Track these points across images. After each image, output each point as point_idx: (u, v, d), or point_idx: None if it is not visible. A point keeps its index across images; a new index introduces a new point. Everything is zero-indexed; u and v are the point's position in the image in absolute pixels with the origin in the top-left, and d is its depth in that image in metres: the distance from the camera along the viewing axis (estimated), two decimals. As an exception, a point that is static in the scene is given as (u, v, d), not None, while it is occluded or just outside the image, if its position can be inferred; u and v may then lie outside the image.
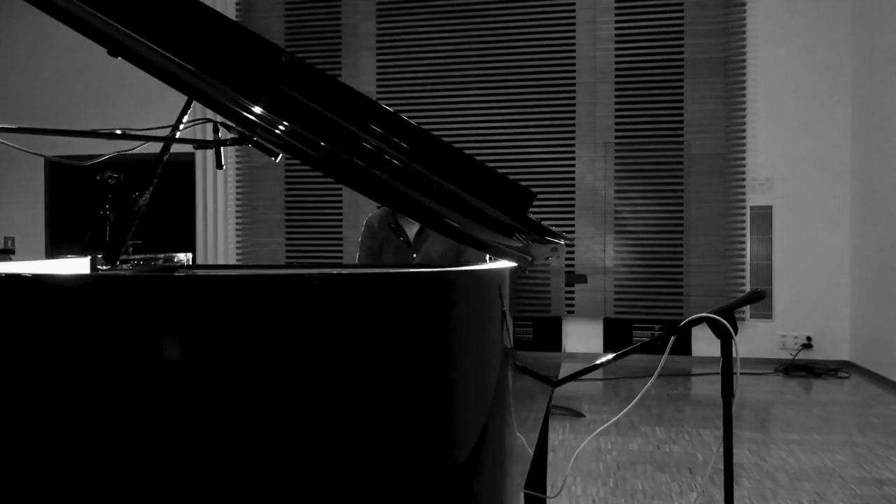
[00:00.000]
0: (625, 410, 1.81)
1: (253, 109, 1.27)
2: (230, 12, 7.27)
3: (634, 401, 1.86)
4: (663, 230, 6.60)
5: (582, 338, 6.66)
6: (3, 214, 8.15)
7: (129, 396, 0.92)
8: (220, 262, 7.42)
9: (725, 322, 1.67)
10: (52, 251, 7.95)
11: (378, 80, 7.01)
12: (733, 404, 1.69)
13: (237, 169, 7.38)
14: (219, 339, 0.91)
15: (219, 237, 7.45)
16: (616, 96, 6.64)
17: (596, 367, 1.98)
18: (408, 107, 6.92)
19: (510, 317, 1.20)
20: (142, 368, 0.92)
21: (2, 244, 8.30)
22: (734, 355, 1.68)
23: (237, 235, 7.43)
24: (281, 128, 1.32)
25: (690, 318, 1.74)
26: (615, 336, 6.69)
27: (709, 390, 5.49)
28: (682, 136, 6.53)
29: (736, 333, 1.70)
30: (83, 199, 6.41)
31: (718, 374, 1.73)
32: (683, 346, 6.55)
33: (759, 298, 1.69)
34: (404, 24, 6.95)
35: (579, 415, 4.61)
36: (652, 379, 1.83)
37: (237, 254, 7.43)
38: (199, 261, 7.45)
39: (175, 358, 0.92)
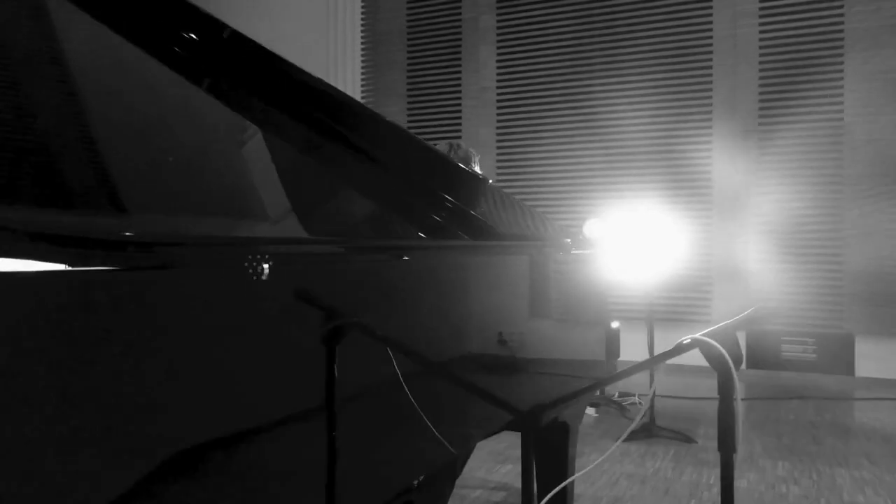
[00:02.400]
0: (608, 452, 1.41)
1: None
2: (356, 10, 7.33)
3: (617, 443, 1.44)
4: (818, 229, 5.69)
5: (719, 350, 5.92)
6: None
7: None
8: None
9: (720, 348, 1.22)
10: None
11: (498, 74, 6.72)
12: (735, 459, 1.24)
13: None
14: None
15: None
16: (760, 78, 5.83)
17: (585, 391, 1.58)
18: (528, 100, 6.57)
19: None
20: None
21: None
22: (735, 394, 1.23)
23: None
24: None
25: (681, 340, 1.30)
26: (760, 350, 5.88)
27: (861, 420, 4.62)
28: (841, 119, 5.60)
29: (740, 364, 1.24)
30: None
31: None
32: (845, 365, 5.63)
33: (763, 317, 1.23)
34: (525, 14, 6.60)
35: (689, 440, 4.03)
36: (640, 415, 1.41)
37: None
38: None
39: None
